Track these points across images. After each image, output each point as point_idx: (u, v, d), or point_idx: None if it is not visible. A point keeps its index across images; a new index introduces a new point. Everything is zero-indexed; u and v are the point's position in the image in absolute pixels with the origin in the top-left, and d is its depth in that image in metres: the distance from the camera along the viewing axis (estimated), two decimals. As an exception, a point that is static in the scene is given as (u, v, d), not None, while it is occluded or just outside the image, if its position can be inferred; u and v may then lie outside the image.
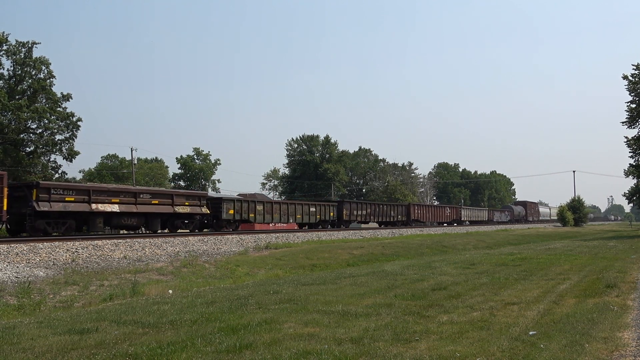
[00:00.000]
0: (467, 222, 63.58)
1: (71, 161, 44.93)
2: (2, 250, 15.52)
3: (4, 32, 41.95)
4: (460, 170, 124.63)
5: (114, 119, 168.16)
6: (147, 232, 24.94)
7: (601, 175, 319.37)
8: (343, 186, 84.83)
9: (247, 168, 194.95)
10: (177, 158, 74.20)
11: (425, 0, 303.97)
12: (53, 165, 45.31)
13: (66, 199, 20.72)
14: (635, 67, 39.74)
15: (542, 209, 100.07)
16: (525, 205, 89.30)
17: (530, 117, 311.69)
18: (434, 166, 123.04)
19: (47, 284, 13.29)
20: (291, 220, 35.06)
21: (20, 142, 42.49)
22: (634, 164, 44.14)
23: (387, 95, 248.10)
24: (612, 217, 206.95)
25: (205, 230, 28.52)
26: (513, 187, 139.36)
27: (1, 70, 42.77)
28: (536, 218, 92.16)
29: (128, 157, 67.35)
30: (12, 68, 43.07)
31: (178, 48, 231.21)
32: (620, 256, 18.34)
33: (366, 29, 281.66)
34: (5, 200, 19.17)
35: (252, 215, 30.83)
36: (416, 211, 51.23)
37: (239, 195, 43.06)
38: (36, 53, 43.66)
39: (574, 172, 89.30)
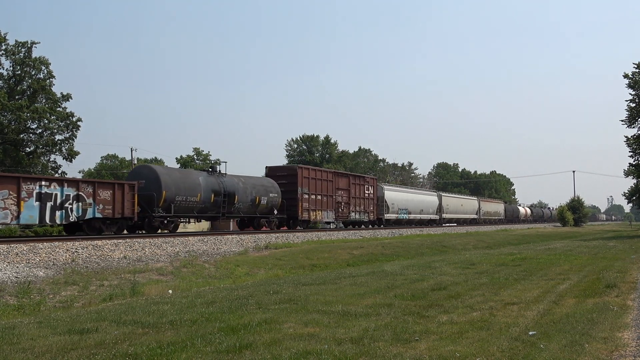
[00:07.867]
0: None
1: (71, 161, 44.88)
2: (2, 250, 15.50)
3: (0, 31, 41.94)
4: (460, 170, 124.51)
5: (114, 119, 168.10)
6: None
7: (601, 175, 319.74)
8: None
9: (247, 168, 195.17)
10: (177, 158, 73.73)
11: (425, 0, 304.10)
12: (53, 165, 45.28)
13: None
14: (636, 66, 39.72)
15: (393, 194, 42.34)
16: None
17: (531, 116, 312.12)
18: (434, 166, 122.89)
19: (47, 284, 13.28)
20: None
21: (20, 142, 42.46)
22: (634, 163, 44.12)
23: (387, 95, 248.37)
24: (604, 216, 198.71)
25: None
26: (513, 187, 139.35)
27: (1, 70, 42.77)
28: (342, 216, 35.19)
29: (128, 157, 67.26)
30: (11, 68, 43.05)
31: (178, 48, 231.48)
32: (620, 256, 18.33)
33: (366, 29, 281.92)
34: None
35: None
36: None
37: None
38: (36, 53, 43.59)
39: (573, 172, 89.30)
